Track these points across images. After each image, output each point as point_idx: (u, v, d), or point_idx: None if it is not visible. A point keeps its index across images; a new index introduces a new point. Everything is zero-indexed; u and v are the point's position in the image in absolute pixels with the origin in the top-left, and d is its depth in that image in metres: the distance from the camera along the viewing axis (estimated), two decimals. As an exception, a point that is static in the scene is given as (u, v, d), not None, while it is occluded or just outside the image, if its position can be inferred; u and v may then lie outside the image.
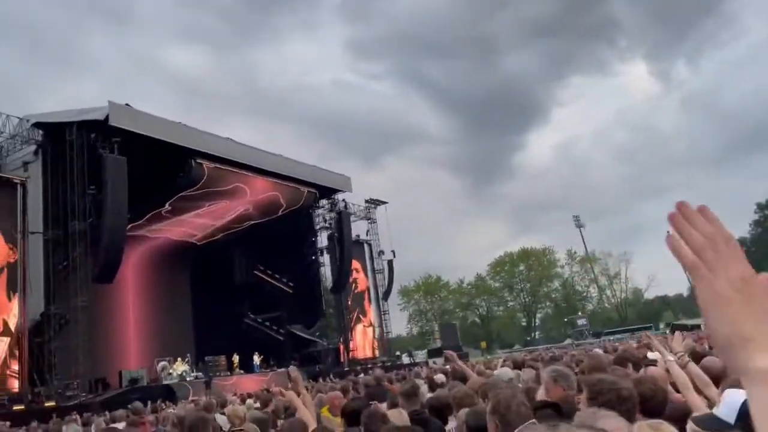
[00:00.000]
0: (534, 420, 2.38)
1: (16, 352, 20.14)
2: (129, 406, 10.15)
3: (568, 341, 50.96)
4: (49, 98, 79.35)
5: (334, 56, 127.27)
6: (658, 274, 68.18)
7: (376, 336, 39.44)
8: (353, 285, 37.10)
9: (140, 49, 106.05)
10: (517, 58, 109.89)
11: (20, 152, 22.52)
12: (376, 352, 37.78)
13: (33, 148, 22.34)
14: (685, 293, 72.35)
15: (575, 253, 71.76)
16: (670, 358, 4.06)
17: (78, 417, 9.55)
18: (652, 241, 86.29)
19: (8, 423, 11.05)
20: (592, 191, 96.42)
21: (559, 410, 2.23)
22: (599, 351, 10.34)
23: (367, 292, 39.00)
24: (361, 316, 37.55)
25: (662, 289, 73.46)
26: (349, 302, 36.48)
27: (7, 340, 19.89)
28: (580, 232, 65.73)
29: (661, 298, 72.94)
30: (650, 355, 6.56)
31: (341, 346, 34.48)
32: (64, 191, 21.57)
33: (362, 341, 36.87)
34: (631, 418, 2.41)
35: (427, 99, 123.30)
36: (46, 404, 18.43)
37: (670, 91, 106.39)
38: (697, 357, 3.98)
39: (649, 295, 72.82)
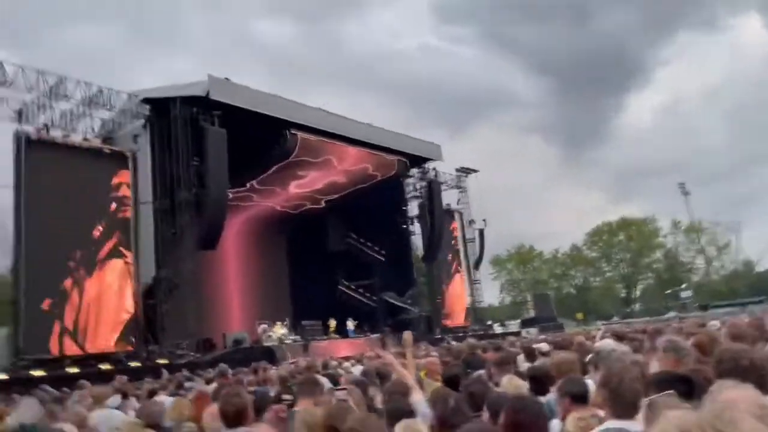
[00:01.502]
0: (671, 391, 2.19)
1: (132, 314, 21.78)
2: (212, 369, 10.66)
3: (672, 314, 48.53)
4: (148, 73, 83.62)
5: (419, 21, 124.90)
6: (772, 244, 63.20)
7: (468, 305, 39.33)
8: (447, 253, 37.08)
9: (231, 23, 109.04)
10: (613, 15, 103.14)
11: (130, 126, 23.94)
12: (468, 320, 37.72)
13: (141, 122, 23.66)
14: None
15: (680, 222, 67.81)
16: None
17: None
18: (766, 209, 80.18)
19: (126, 377, 11.92)
20: (700, 156, 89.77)
21: (691, 385, 2.04)
22: (715, 323, 9.69)
23: (458, 260, 38.81)
24: (452, 285, 37.53)
25: (777, 261, 67.94)
26: (441, 270, 36.53)
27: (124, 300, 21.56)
28: (686, 200, 61.94)
29: (776, 269, 67.65)
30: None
31: (434, 314, 34.72)
32: (171, 163, 22.82)
33: (454, 309, 36.89)
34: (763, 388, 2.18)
35: (516, 63, 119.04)
36: (159, 361, 19.85)
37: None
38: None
39: (762, 266, 67.77)
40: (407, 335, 5.19)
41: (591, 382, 3.48)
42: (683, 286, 61.24)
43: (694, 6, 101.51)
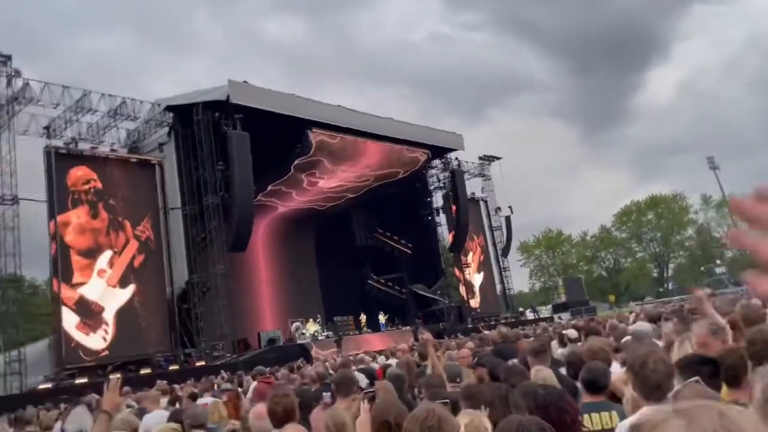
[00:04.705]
0: (697, 378, 2.25)
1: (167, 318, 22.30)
2: (252, 370, 10.88)
3: (706, 290, 47.70)
4: (164, 78, 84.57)
5: (429, 10, 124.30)
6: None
7: (498, 292, 39.25)
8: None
9: (241, 23, 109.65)
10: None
11: (155, 135, 24.40)
12: (499, 308, 37.67)
13: (166, 129, 24.09)
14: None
15: (710, 197, 66.49)
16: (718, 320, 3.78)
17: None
18: (800, 178, 77.91)
19: (165, 381, 12.20)
20: (726, 129, 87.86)
21: (717, 367, 2.09)
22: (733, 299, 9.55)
23: (484, 249, 38.74)
24: (481, 273, 37.51)
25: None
26: (468, 260, 36.53)
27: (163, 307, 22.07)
28: (715, 174, 60.62)
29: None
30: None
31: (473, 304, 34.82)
32: (197, 168, 23.23)
33: (483, 298, 36.89)
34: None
35: (529, 45, 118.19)
36: (197, 364, 20.29)
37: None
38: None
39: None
40: (427, 336, 5.32)
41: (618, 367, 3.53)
42: (717, 262, 60.16)
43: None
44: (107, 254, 21.24)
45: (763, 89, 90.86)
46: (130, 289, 21.50)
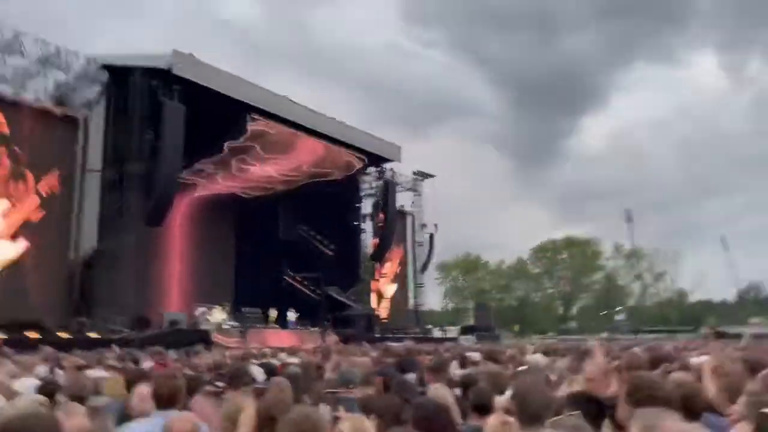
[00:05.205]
0: (576, 412, 2.33)
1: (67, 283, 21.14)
2: (145, 349, 10.45)
3: (604, 335, 50.18)
4: (105, 38, 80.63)
5: (388, 20, 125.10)
6: (706, 277, 66.08)
7: (410, 307, 39.72)
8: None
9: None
10: (578, 37, 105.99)
11: (85, 91, 23.20)
12: (409, 321, 38.12)
13: (98, 88, 22.97)
14: (731, 300, 70.09)
15: (622, 246, 70.18)
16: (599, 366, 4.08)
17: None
18: (705, 242, 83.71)
19: (52, 348, 11.51)
20: (647, 184, 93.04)
21: (602, 407, 2.17)
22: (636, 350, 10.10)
23: (401, 262, 39.15)
24: (394, 284, 37.89)
25: (708, 293, 71.20)
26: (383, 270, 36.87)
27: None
28: (629, 226, 64.13)
29: (706, 302, 70.79)
30: (693, 360, 6.39)
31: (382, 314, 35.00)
32: (124, 133, 22.23)
33: (394, 310, 37.23)
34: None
35: (479, 72, 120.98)
36: (89, 334, 19.31)
37: (740, 87, 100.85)
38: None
39: (693, 297, 70.85)
40: (331, 340, 5.32)
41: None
42: (618, 308, 63.46)
43: (653, 38, 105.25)
44: (2, 203, 19.88)
45: (684, 155, 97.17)
46: (21, 244, 20.15)
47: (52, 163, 21.17)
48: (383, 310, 35.83)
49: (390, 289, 37.36)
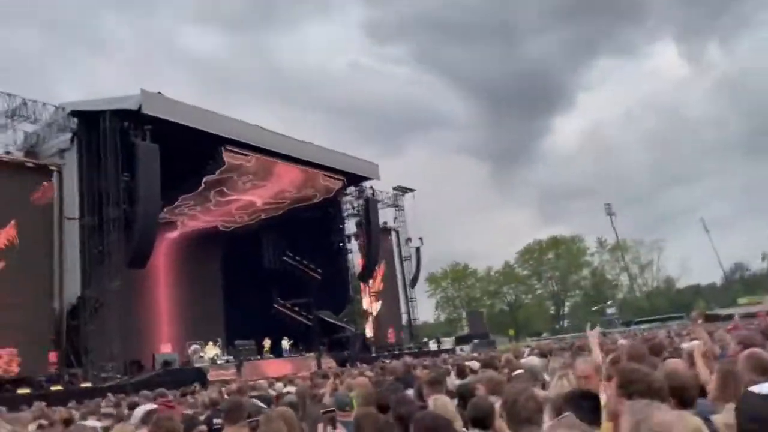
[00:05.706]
0: (569, 413, 2.36)
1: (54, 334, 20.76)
2: (138, 394, 10.29)
3: (598, 329, 50.39)
4: (71, 82, 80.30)
5: (351, 39, 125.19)
6: (690, 262, 66.93)
7: (403, 323, 39.59)
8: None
9: (157, 28, 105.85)
10: (539, 41, 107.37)
11: (56, 140, 23.01)
12: (401, 338, 37.95)
13: (69, 135, 22.80)
14: (718, 282, 70.99)
15: (605, 241, 70.90)
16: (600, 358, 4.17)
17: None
18: (684, 228, 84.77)
19: (44, 403, 11.31)
20: (622, 178, 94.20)
21: (598, 402, 2.21)
22: (623, 342, 10.23)
23: (385, 278, 39.03)
24: (379, 301, 37.76)
25: (695, 278, 72.04)
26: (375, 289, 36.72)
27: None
28: (611, 219, 64.90)
29: (694, 287, 71.58)
30: (684, 345, 6.49)
31: (368, 333, 34.78)
32: (99, 178, 22.03)
33: (381, 327, 37.00)
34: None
35: (448, 83, 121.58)
36: (82, 385, 18.98)
37: (701, 74, 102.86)
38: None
39: (681, 284, 71.63)
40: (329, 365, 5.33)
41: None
42: (608, 302, 63.89)
43: (613, 33, 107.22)
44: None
45: (654, 145, 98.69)
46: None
47: (29, 213, 20.80)
48: (371, 329, 35.65)
49: (376, 307, 37.17)
